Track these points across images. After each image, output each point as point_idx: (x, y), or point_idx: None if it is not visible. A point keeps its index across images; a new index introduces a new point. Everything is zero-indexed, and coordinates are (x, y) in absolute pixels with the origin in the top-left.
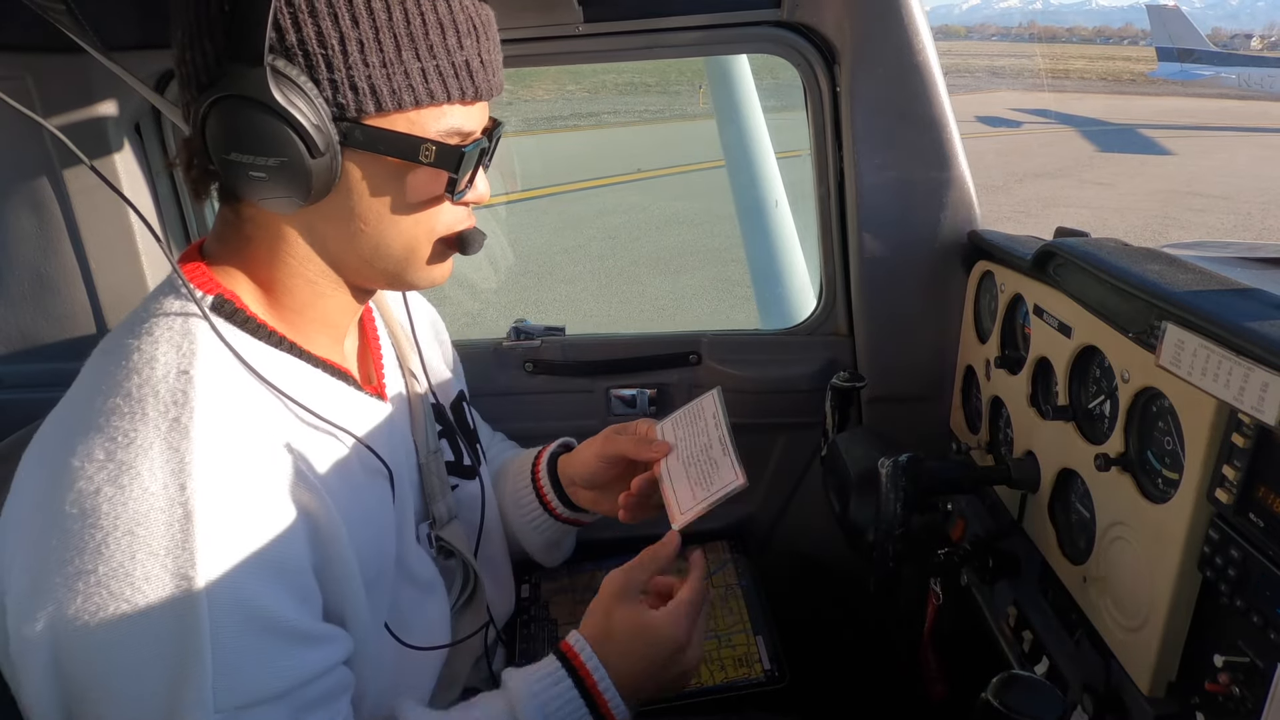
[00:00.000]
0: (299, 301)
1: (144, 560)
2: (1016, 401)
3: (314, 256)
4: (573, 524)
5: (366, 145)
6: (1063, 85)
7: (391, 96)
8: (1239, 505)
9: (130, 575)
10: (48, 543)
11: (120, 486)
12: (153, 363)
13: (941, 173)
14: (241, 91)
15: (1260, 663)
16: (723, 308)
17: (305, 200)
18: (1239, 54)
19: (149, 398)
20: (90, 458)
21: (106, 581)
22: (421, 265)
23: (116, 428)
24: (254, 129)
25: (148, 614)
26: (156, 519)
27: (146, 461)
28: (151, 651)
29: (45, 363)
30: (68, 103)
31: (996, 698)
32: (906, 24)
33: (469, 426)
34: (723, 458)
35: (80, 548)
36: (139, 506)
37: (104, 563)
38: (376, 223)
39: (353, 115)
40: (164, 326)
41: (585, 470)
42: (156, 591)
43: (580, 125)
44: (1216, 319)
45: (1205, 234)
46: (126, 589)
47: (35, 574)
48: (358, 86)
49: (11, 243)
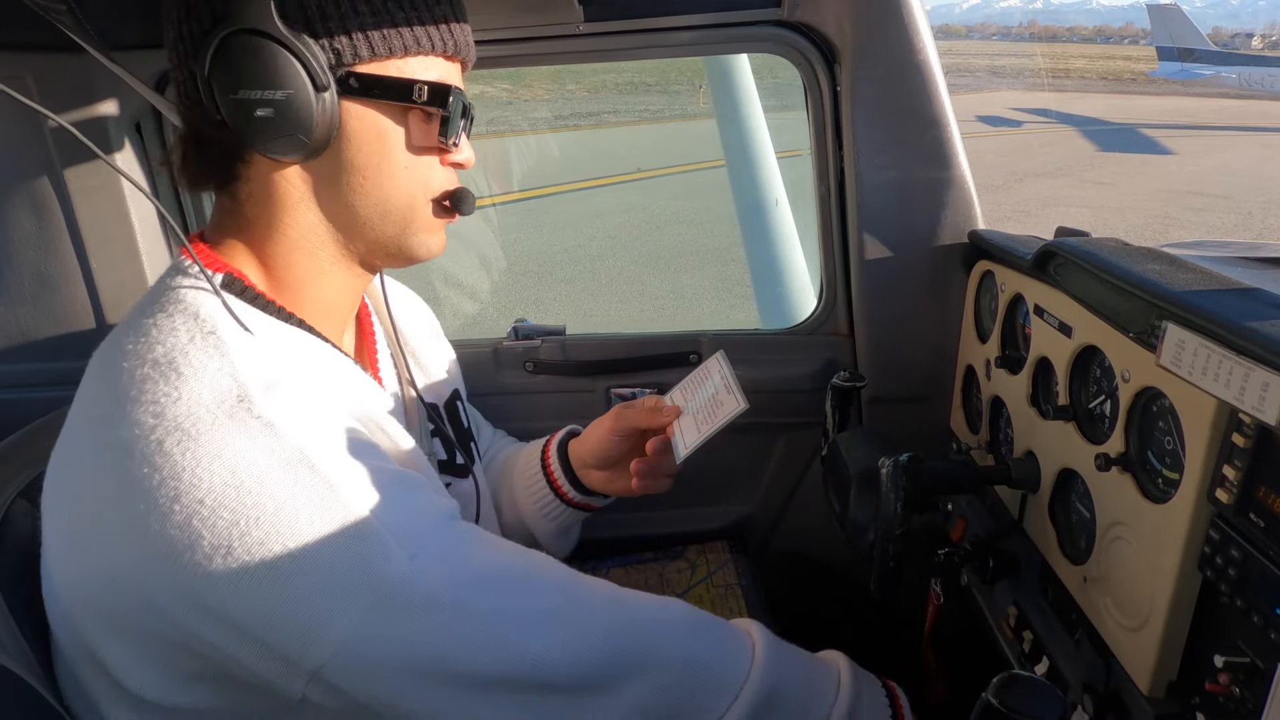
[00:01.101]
0: (300, 279)
1: (245, 470)
2: (1017, 401)
3: (316, 225)
4: (583, 509)
5: (362, 91)
6: (1063, 85)
7: (383, 41)
8: (1239, 505)
9: (240, 488)
10: (134, 511)
11: (185, 431)
12: (174, 333)
13: (942, 172)
14: (250, 24)
15: (1260, 663)
16: (723, 308)
17: (309, 140)
18: (1239, 53)
19: (179, 360)
20: (140, 425)
21: (219, 508)
22: (421, 227)
23: (156, 392)
24: (261, 61)
25: (278, 511)
26: (236, 436)
27: (201, 406)
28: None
29: (45, 362)
30: (69, 102)
31: (997, 698)
32: (907, 23)
33: (463, 426)
34: (726, 395)
35: (174, 494)
36: (211, 436)
37: (207, 492)
38: (376, 174)
39: (348, 62)
40: (177, 301)
41: (598, 447)
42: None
43: (580, 125)
44: (1217, 319)
45: (1206, 234)
46: (245, 499)
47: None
48: (351, 32)
49: (11, 242)
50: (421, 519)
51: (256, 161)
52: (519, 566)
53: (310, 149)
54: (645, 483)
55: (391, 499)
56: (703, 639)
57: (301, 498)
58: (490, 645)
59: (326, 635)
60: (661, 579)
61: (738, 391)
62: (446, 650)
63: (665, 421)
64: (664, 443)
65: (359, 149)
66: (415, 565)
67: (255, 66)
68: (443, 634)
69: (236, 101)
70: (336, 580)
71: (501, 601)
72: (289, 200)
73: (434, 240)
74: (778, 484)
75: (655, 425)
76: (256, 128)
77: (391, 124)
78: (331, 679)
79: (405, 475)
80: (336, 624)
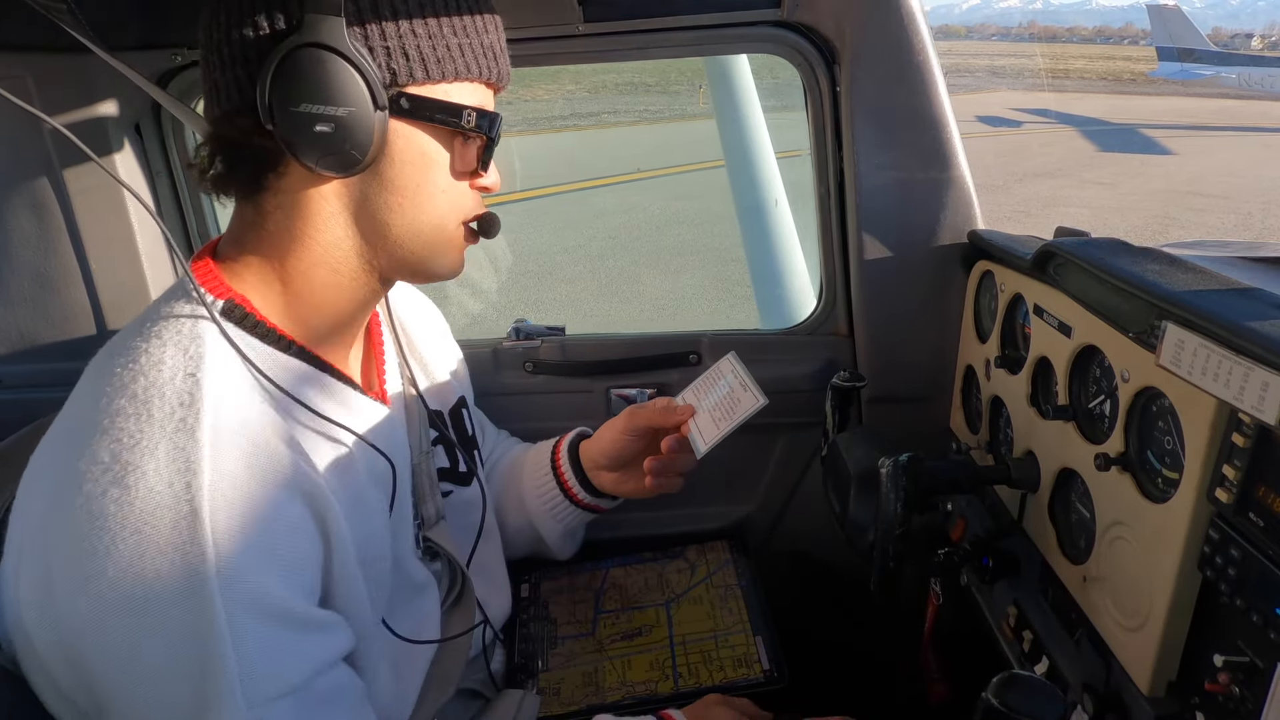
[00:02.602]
0: (317, 296)
1: (153, 558)
2: (1016, 401)
3: (342, 241)
4: (592, 510)
5: (412, 113)
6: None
7: (437, 65)
8: (1239, 505)
9: (141, 575)
10: (58, 548)
11: (126, 487)
12: (159, 365)
13: (941, 173)
14: (322, 40)
15: (1260, 662)
16: (723, 308)
17: (363, 158)
18: (1239, 54)
19: (154, 399)
20: (96, 460)
21: (117, 583)
22: (445, 249)
23: (122, 429)
24: (329, 77)
25: (162, 614)
26: (163, 517)
27: (152, 461)
28: (171, 652)
29: (45, 363)
30: (69, 102)
31: (997, 697)
32: (906, 24)
33: (466, 433)
34: (743, 392)
35: (90, 550)
36: (145, 505)
37: (113, 564)
38: (415, 194)
39: (402, 83)
40: (172, 330)
41: (611, 448)
42: (169, 589)
43: (580, 125)
44: (1216, 319)
45: (1205, 234)
46: (138, 589)
47: (48, 581)
48: (409, 54)
49: (11, 243)
50: (286, 671)
51: (293, 174)
52: None
53: (359, 167)
54: (659, 481)
55: (270, 638)
56: None
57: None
58: None
59: None
60: (661, 579)
61: (755, 388)
62: None
63: (679, 420)
64: (679, 441)
65: (401, 169)
66: (250, 716)
67: (322, 82)
68: None
69: (297, 114)
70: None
71: None
72: (321, 215)
73: (456, 261)
74: (778, 484)
75: (669, 424)
76: (311, 142)
77: (437, 146)
78: None
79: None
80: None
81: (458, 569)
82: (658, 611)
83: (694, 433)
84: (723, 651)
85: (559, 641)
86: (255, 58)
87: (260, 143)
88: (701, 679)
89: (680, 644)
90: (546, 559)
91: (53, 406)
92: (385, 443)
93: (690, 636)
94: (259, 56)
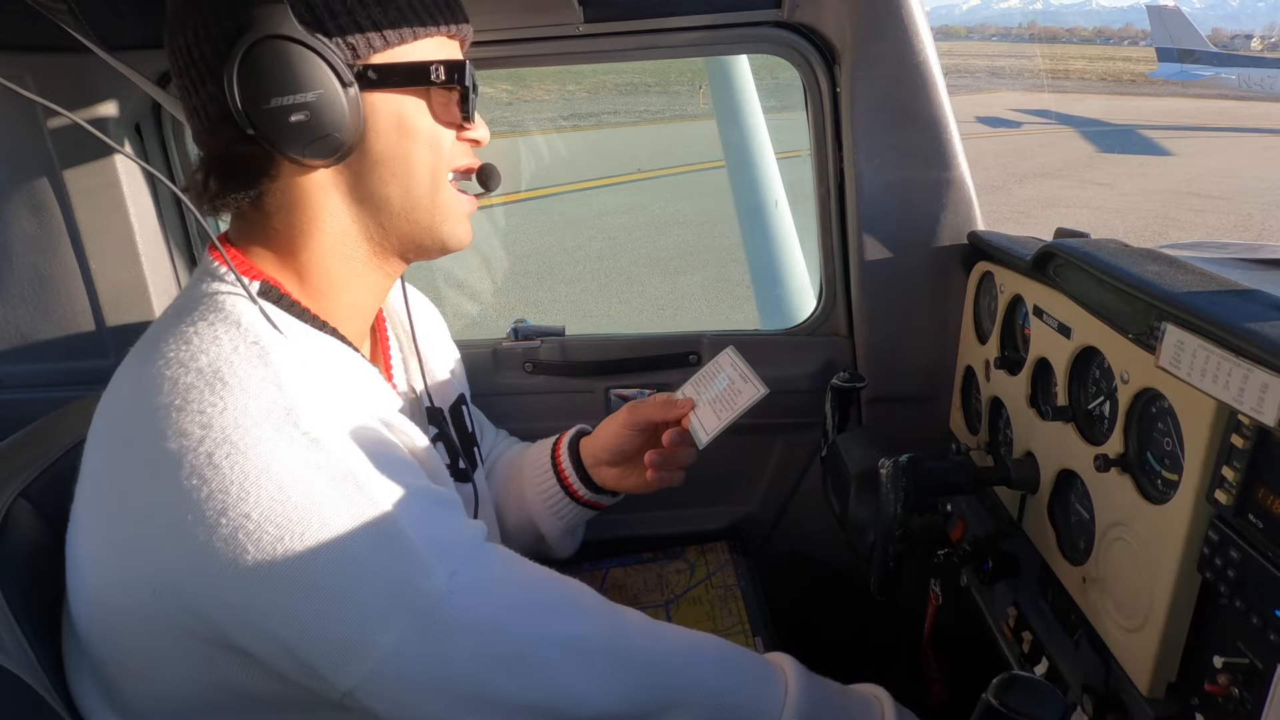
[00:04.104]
0: (335, 284)
1: (293, 486)
2: (1016, 402)
3: (349, 227)
4: (592, 506)
5: (381, 82)
6: (1063, 86)
7: (393, 29)
8: (1238, 506)
9: (286, 503)
10: (181, 521)
11: (233, 444)
12: (217, 342)
13: (941, 173)
14: (272, 30)
15: (1260, 664)
16: (722, 308)
17: (346, 139)
18: (1239, 54)
19: (224, 369)
20: (188, 435)
21: (264, 523)
22: (450, 213)
23: (203, 401)
24: (289, 65)
25: (323, 527)
26: (284, 451)
27: (248, 417)
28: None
29: (45, 363)
30: (69, 102)
31: (997, 698)
32: (906, 24)
33: (467, 431)
34: (744, 384)
35: (221, 507)
36: (260, 451)
37: (254, 506)
38: (405, 162)
39: (363, 55)
40: (216, 309)
41: (613, 443)
42: (324, 502)
43: (580, 125)
44: (1216, 320)
45: (1205, 234)
46: (292, 514)
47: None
48: (362, 24)
49: (11, 243)
50: (458, 538)
51: (284, 171)
52: (555, 593)
53: (344, 149)
54: (660, 474)
55: (430, 517)
56: (735, 676)
57: (346, 514)
58: (524, 673)
59: (366, 654)
60: (661, 579)
61: (756, 379)
62: (481, 673)
63: (680, 414)
64: (680, 433)
65: (387, 141)
66: (454, 583)
67: (284, 71)
68: (479, 657)
69: (269, 111)
70: (378, 599)
71: (538, 627)
72: (322, 207)
73: (462, 228)
74: (777, 484)
75: (669, 418)
76: (292, 134)
77: (412, 110)
78: (365, 697)
79: (441, 494)
80: (376, 643)
81: None
82: (657, 612)
83: (695, 425)
84: None
85: None
86: (219, 67)
87: (247, 150)
88: None
89: None
90: (546, 558)
91: (52, 406)
92: None
93: None
94: (221, 65)
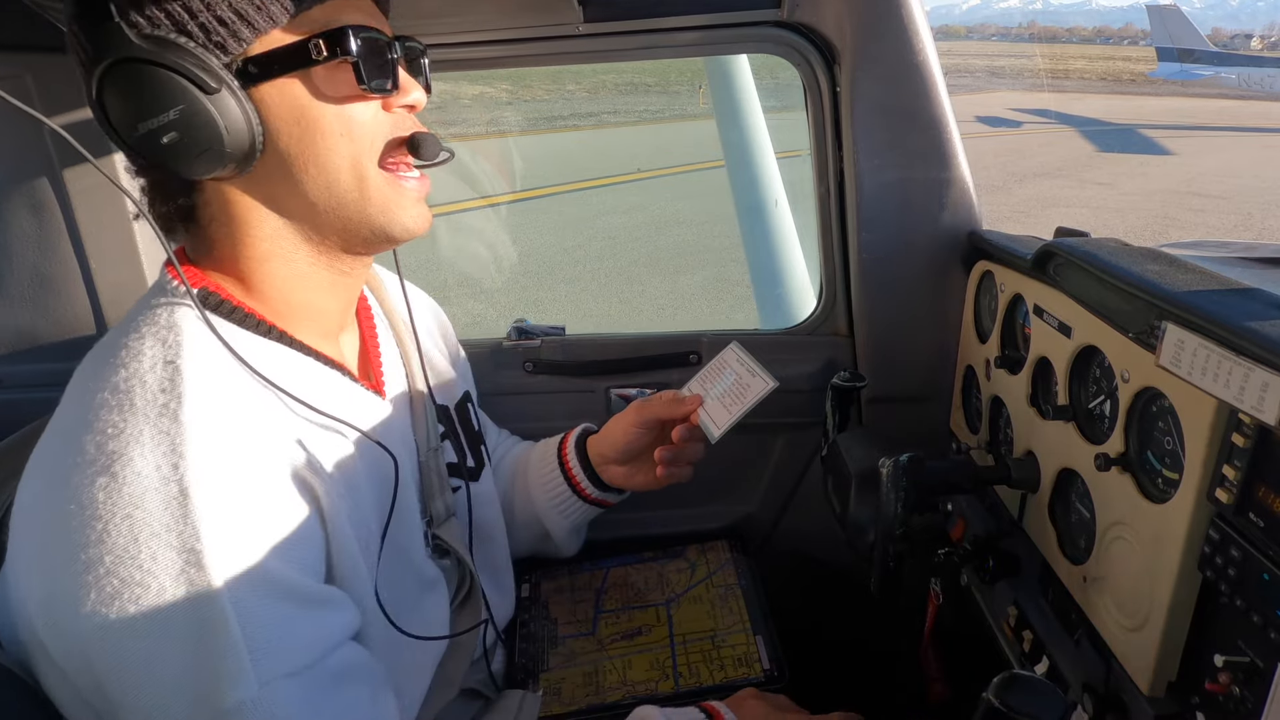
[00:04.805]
0: (281, 289)
1: (147, 541)
2: (1016, 401)
3: (281, 230)
4: (599, 504)
5: (263, 74)
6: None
7: (259, 13)
8: (1239, 505)
9: (136, 558)
10: (54, 542)
11: (113, 475)
12: (139, 356)
13: (941, 173)
14: (116, 55)
15: (1260, 662)
16: (723, 307)
17: (227, 147)
18: (1239, 54)
19: (135, 388)
20: (82, 453)
21: (115, 569)
22: (386, 197)
23: (105, 420)
24: (139, 86)
25: (160, 594)
26: (153, 499)
27: (137, 447)
28: (172, 630)
29: (45, 363)
30: (69, 102)
31: (997, 697)
32: (906, 24)
33: (473, 428)
34: (752, 378)
35: (83, 541)
36: (133, 490)
37: (108, 551)
38: (316, 154)
39: (235, 51)
40: (150, 322)
41: (621, 441)
42: (165, 570)
43: (580, 125)
44: (1216, 319)
45: (1205, 234)
46: (135, 573)
47: (47, 576)
48: (224, 18)
49: (11, 242)
50: (295, 646)
51: (203, 187)
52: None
53: (238, 156)
54: (670, 470)
55: (273, 616)
56: None
57: (183, 589)
58: None
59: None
60: (662, 578)
61: (763, 372)
62: None
63: (688, 411)
64: (690, 429)
65: (288, 138)
66: (263, 694)
67: (139, 94)
68: None
69: (141, 137)
70: (182, 688)
71: None
72: (249, 214)
73: (408, 215)
74: (778, 484)
75: (678, 415)
76: (170, 155)
77: (306, 95)
78: None
79: (306, 591)
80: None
81: (466, 567)
82: (658, 611)
83: (705, 420)
84: (723, 651)
85: (560, 641)
86: (95, 104)
87: (157, 174)
88: (702, 678)
89: (680, 643)
90: (549, 557)
91: (52, 406)
92: (383, 433)
93: (690, 636)
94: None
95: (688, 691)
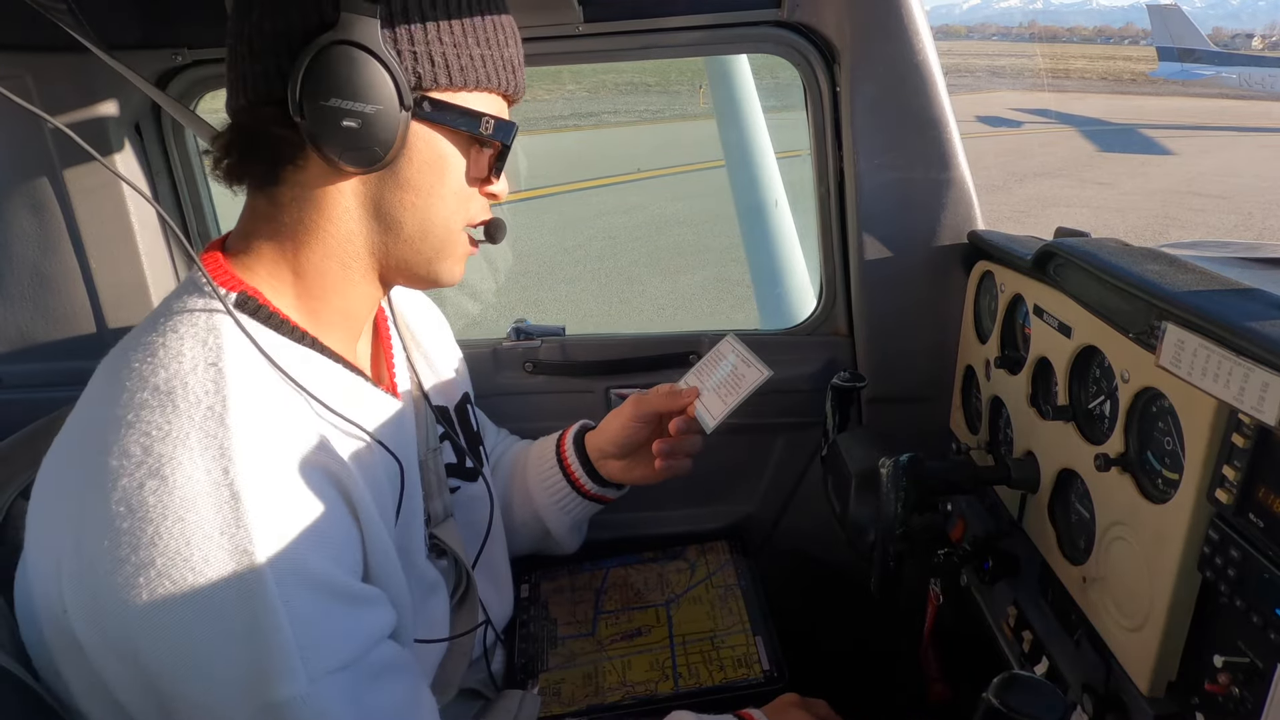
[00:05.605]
0: (327, 289)
1: (199, 544)
2: (1016, 401)
3: (355, 236)
4: (598, 500)
5: (434, 116)
6: (1063, 85)
7: (460, 73)
8: (1239, 505)
9: (189, 560)
10: (99, 545)
11: (163, 478)
12: (179, 357)
13: (941, 173)
14: (356, 38)
15: (1260, 663)
16: (723, 308)
17: (385, 155)
18: (1240, 54)
19: (178, 390)
20: (127, 455)
21: (167, 571)
22: (452, 253)
23: (150, 422)
24: (360, 74)
25: (213, 594)
26: (204, 503)
27: (185, 451)
28: (225, 629)
29: (45, 363)
30: (69, 102)
31: (997, 698)
32: (906, 24)
33: (472, 429)
34: (747, 368)
35: (134, 544)
36: (185, 493)
37: (160, 554)
38: (428, 196)
39: (426, 86)
40: (188, 323)
41: (619, 435)
42: (217, 571)
43: (580, 125)
44: (1216, 319)
45: (1205, 234)
46: (188, 574)
47: (93, 579)
48: (434, 59)
49: (11, 242)
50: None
51: (312, 167)
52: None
53: (380, 164)
54: (668, 463)
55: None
56: None
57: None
58: None
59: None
60: (662, 579)
61: (758, 362)
62: None
63: (685, 403)
64: (687, 421)
65: (418, 169)
66: (312, 690)
67: (354, 79)
68: None
69: (325, 109)
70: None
71: None
72: (336, 209)
73: (459, 269)
74: (778, 484)
75: (674, 408)
76: (338, 137)
77: (454, 151)
78: None
79: (350, 589)
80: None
81: (463, 568)
82: (658, 611)
83: (701, 411)
84: (723, 651)
85: (559, 641)
86: (287, 51)
87: (281, 134)
88: (701, 679)
89: (680, 644)
90: (550, 555)
91: (52, 406)
92: (394, 437)
93: (690, 636)
94: (291, 50)
95: (686, 692)
